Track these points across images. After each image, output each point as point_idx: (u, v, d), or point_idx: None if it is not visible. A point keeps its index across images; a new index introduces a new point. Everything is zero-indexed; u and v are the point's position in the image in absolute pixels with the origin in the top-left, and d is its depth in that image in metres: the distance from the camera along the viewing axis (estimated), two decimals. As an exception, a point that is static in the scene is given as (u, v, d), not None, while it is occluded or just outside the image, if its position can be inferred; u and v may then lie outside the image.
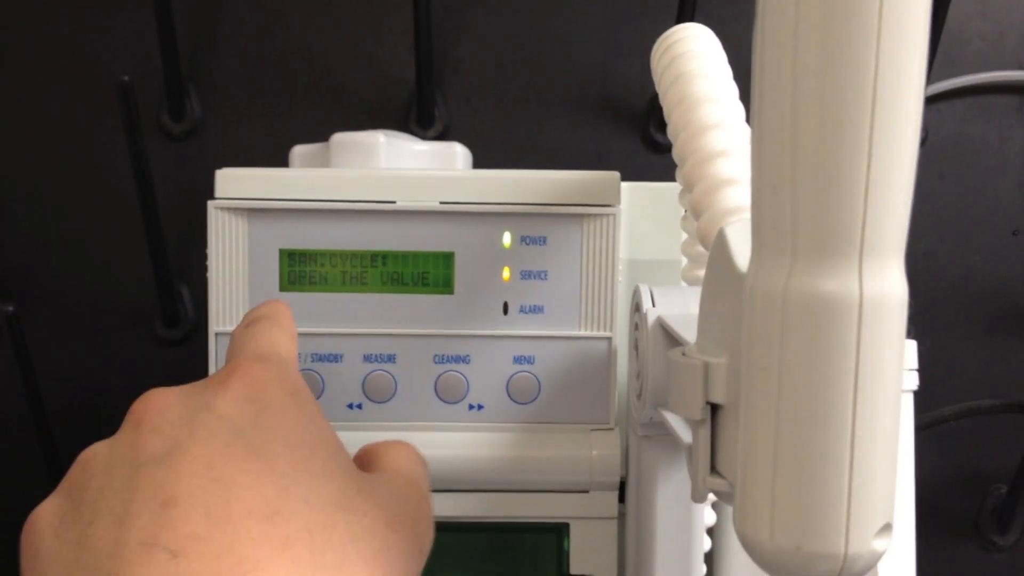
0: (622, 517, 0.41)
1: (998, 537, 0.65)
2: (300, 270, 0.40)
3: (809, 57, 0.23)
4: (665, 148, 0.67)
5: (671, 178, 0.45)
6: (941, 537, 0.66)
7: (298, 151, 0.49)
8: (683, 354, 0.29)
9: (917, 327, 0.66)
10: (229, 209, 0.40)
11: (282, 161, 0.62)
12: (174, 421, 0.27)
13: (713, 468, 0.29)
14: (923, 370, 0.62)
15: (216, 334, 0.40)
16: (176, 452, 0.26)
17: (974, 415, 0.61)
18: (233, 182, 0.40)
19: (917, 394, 0.61)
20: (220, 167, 0.62)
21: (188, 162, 0.66)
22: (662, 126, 0.66)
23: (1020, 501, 0.63)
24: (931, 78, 0.65)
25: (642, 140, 0.67)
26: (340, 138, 0.47)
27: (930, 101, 0.67)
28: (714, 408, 0.28)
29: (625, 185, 0.44)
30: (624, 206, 0.43)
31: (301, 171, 0.40)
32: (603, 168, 0.63)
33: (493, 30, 0.67)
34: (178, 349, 0.65)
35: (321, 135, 0.63)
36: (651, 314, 0.36)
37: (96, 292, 0.65)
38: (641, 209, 0.45)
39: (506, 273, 0.40)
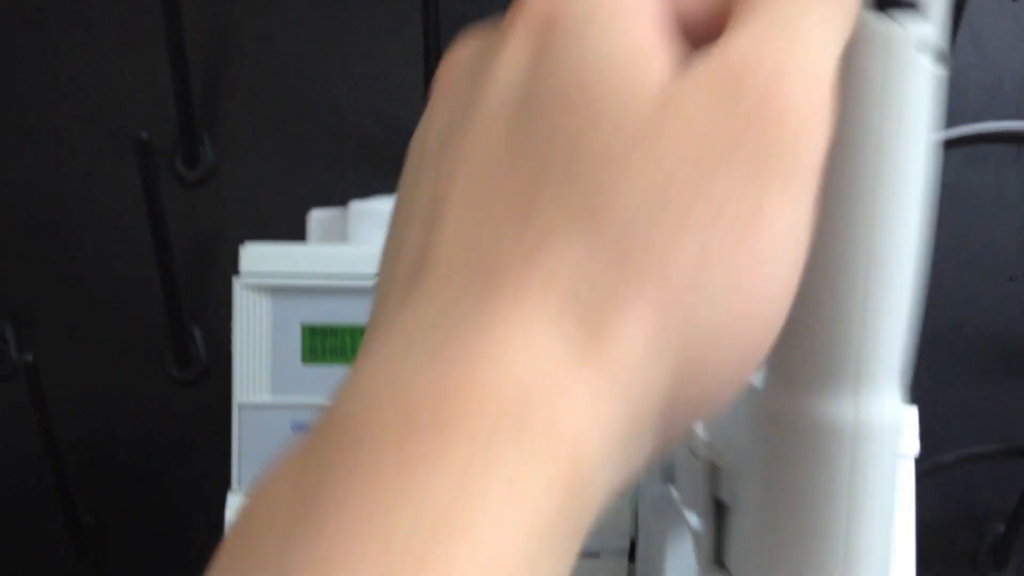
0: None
1: (995, 574, 0.66)
2: (321, 343, 0.41)
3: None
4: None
5: None
6: (939, 574, 0.67)
7: (315, 216, 0.50)
8: (690, 449, 0.31)
9: (916, 370, 0.67)
10: (253, 287, 0.41)
11: (295, 210, 0.64)
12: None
13: (719, 558, 0.31)
14: (921, 413, 0.64)
15: (239, 405, 0.41)
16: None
17: (974, 461, 0.63)
18: (257, 258, 0.42)
19: (919, 439, 0.63)
20: (233, 213, 0.64)
21: (201, 208, 0.67)
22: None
23: (1017, 539, 0.65)
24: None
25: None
26: (357, 207, 0.48)
27: (930, 148, 0.68)
28: (720, 502, 0.30)
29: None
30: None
31: (321, 247, 0.42)
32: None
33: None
34: (191, 390, 0.66)
35: (333, 183, 0.65)
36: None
37: (110, 333, 0.67)
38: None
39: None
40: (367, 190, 0.65)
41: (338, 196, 0.64)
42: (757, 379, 0.28)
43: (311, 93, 0.67)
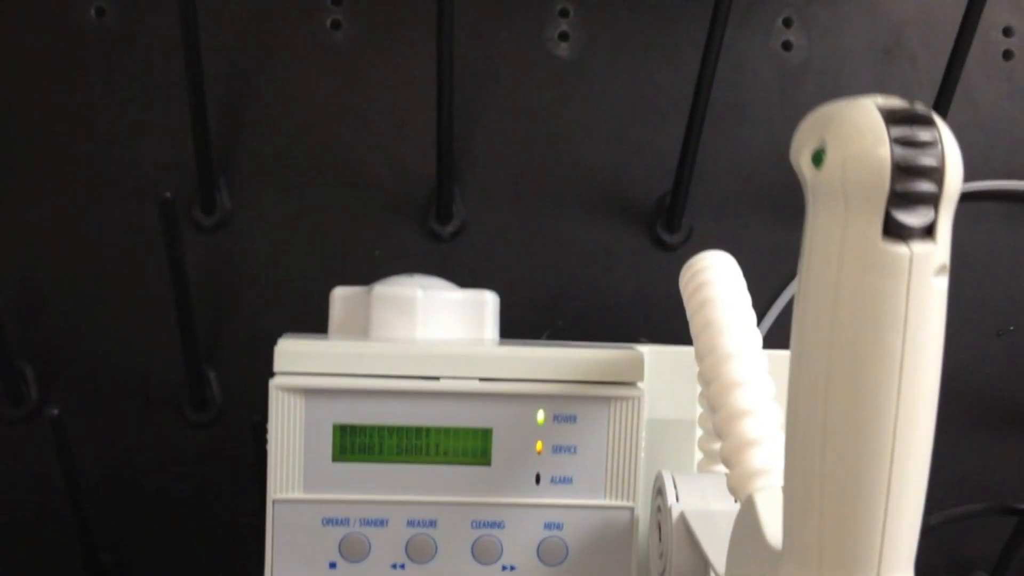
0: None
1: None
2: (351, 442, 0.44)
3: (836, 408, 0.27)
4: (671, 247, 0.70)
5: (676, 274, 0.49)
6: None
7: (338, 294, 0.52)
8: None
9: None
10: (288, 388, 0.43)
11: (309, 256, 0.66)
12: None
13: None
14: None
15: (274, 501, 0.44)
16: None
17: (959, 520, 0.66)
18: (290, 357, 0.44)
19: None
20: (248, 257, 0.66)
21: (218, 253, 0.69)
22: (669, 225, 0.70)
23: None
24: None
25: (649, 238, 0.71)
26: (380, 291, 0.50)
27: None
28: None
29: (646, 349, 0.48)
30: (647, 368, 0.47)
31: (353, 346, 0.44)
32: (612, 264, 0.68)
33: (509, 129, 0.70)
34: (207, 431, 0.69)
35: (346, 228, 0.67)
36: (675, 509, 0.41)
37: (128, 378, 0.69)
38: (658, 370, 0.49)
39: (539, 447, 0.44)
40: (380, 235, 0.67)
41: (351, 240, 0.66)
42: (769, 534, 0.31)
43: (325, 141, 0.69)
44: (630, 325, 0.71)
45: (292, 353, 0.44)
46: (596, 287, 0.71)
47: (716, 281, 0.40)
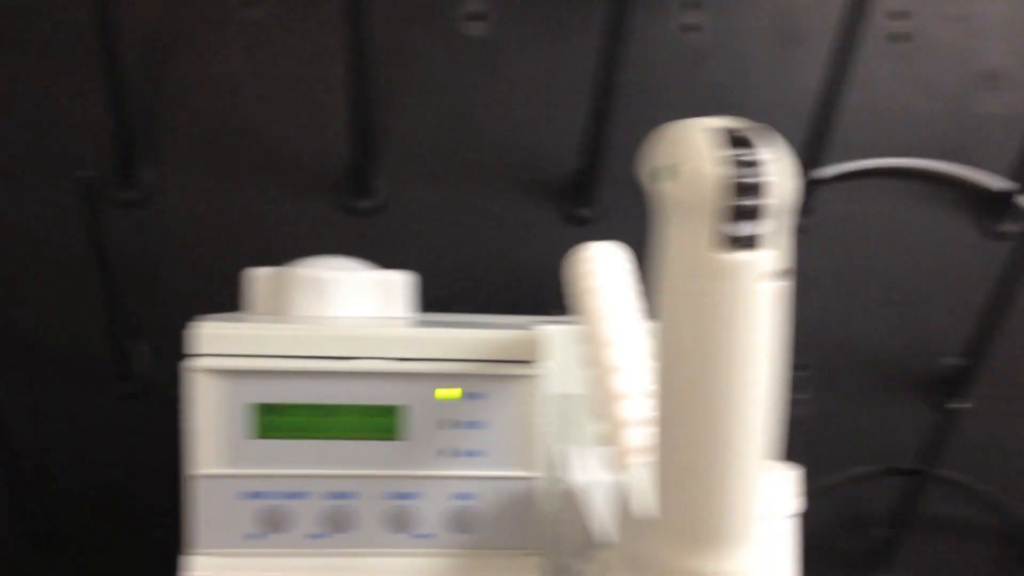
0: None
1: (878, 575, 0.75)
2: (267, 420, 0.46)
3: (685, 396, 0.30)
4: (584, 221, 0.73)
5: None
6: (827, 575, 0.76)
7: (254, 274, 0.54)
8: (592, 564, 0.37)
9: (811, 387, 0.75)
10: (203, 370, 0.46)
11: (227, 228, 0.67)
12: None
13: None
14: (811, 430, 0.72)
15: (192, 477, 0.46)
16: None
17: (854, 483, 0.71)
18: (205, 339, 0.46)
19: (806, 458, 0.71)
20: (170, 233, 0.67)
21: (140, 228, 0.70)
22: (582, 201, 0.73)
23: (899, 543, 0.73)
24: (822, 162, 0.73)
25: (563, 213, 0.74)
26: (296, 272, 0.52)
27: (822, 183, 0.74)
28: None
29: (557, 329, 0.51)
30: (555, 347, 0.50)
31: (268, 328, 0.46)
32: (527, 238, 0.70)
33: (426, 107, 0.73)
34: (133, 403, 0.70)
35: (263, 203, 0.68)
36: (571, 481, 0.44)
37: (54, 352, 0.70)
38: (566, 346, 0.52)
39: (448, 422, 0.47)
40: (301, 211, 0.69)
41: (272, 216, 0.68)
42: (638, 510, 0.34)
43: (244, 117, 0.71)
44: (546, 298, 0.73)
45: (206, 336, 0.46)
46: (512, 261, 0.73)
47: (598, 271, 0.43)
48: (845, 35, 0.67)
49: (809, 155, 0.71)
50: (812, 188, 0.73)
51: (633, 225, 0.52)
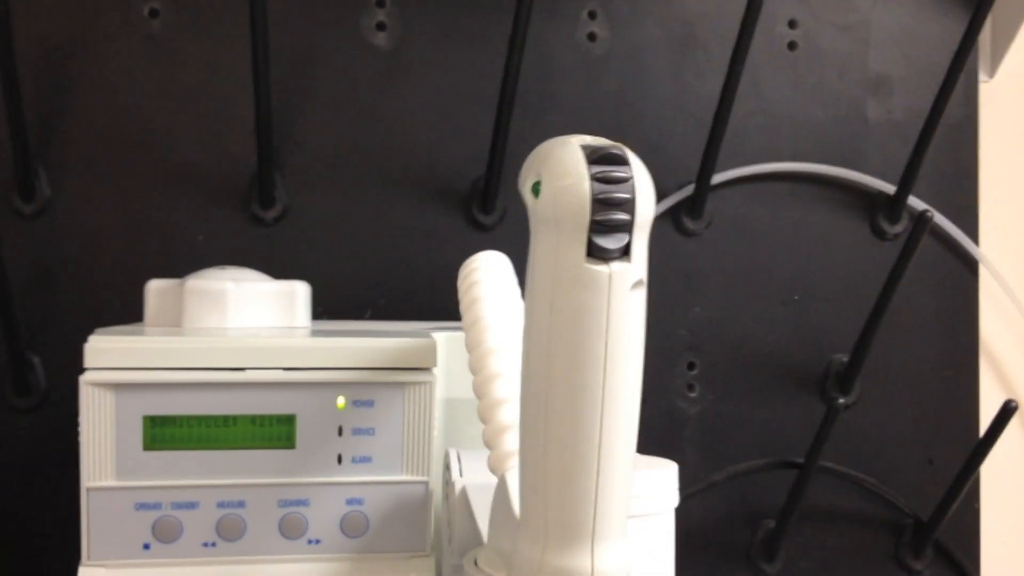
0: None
1: (766, 565, 0.77)
2: (161, 432, 0.47)
3: (553, 401, 0.32)
4: (486, 227, 0.75)
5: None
6: (716, 567, 0.78)
7: (152, 287, 0.55)
8: (475, 563, 0.38)
9: (701, 385, 0.77)
10: (98, 384, 0.46)
11: (130, 240, 0.67)
12: None
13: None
14: (704, 426, 0.74)
15: (88, 489, 0.47)
16: None
17: (744, 475, 0.74)
18: (101, 353, 0.47)
19: (700, 453, 0.73)
20: (70, 245, 0.67)
21: (39, 240, 0.70)
22: (484, 207, 0.74)
23: (785, 534, 0.76)
24: (716, 168, 0.75)
25: (466, 219, 0.75)
26: (192, 285, 0.53)
27: (715, 188, 0.77)
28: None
29: (442, 336, 0.52)
30: (441, 353, 0.51)
31: (161, 341, 0.47)
32: (431, 245, 0.72)
33: (329, 115, 0.73)
34: (31, 416, 0.70)
35: (166, 214, 0.69)
36: (458, 483, 0.45)
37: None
38: (455, 354, 0.53)
39: (340, 430, 0.48)
40: (203, 221, 0.69)
41: (174, 226, 0.68)
42: (518, 510, 0.35)
43: (145, 128, 0.71)
44: (450, 303, 0.75)
45: (102, 349, 0.47)
46: (416, 267, 0.75)
47: (485, 280, 0.44)
48: (739, 44, 0.70)
49: (705, 160, 0.74)
50: (707, 192, 0.76)
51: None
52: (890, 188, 0.78)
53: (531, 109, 0.74)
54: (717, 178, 0.76)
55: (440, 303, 0.74)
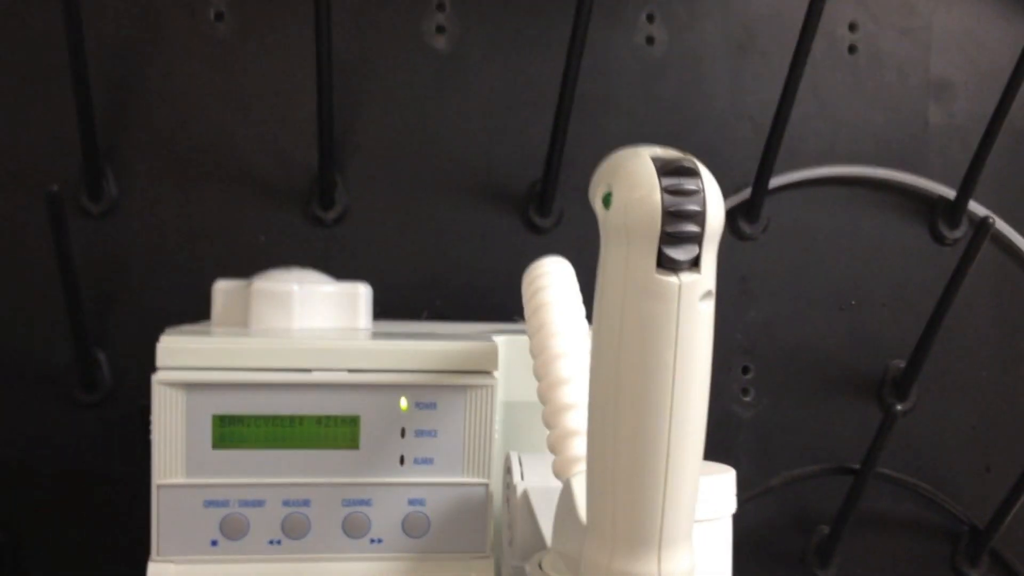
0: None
1: (820, 571, 0.77)
2: (229, 431, 0.48)
3: (622, 409, 0.32)
4: (542, 230, 0.75)
5: (548, 255, 0.53)
6: (773, 572, 0.78)
7: (220, 287, 0.56)
8: (540, 566, 0.39)
9: (756, 390, 0.77)
10: (169, 383, 0.47)
11: (196, 242, 0.69)
12: None
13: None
14: (759, 432, 0.74)
15: (159, 486, 0.48)
16: None
17: (799, 481, 0.73)
18: (172, 353, 0.48)
19: (754, 458, 0.73)
20: (135, 244, 0.68)
21: (106, 239, 0.72)
22: (540, 210, 0.75)
23: (839, 540, 0.75)
24: (773, 172, 0.75)
25: (522, 222, 0.76)
26: (259, 286, 0.54)
27: (772, 192, 0.77)
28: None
29: (502, 339, 0.53)
30: (501, 356, 0.52)
31: (231, 342, 0.48)
32: (487, 247, 0.72)
33: (389, 118, 0.74)
34: (97, 411, 0.72)
35: (229, 215, 0.70)
36: (519, 486, 0.46)
37: (19, 362, 0.71)
38: (515, 357, 0.54)
39: (402, 431, 0.49)
40: (265, 221, 0.70)
41: (237, 227, 0.70)
42: (584, 516, 0.36)
43: (209, 130, 0.72)
44: (504, 305, 0.75)
45: (173, 349, 0.48)
46: (472, 269, 0.75)
47: (551, 287, 0.45)
48: (800, 47, 0.70)
49: (762, 163, 0.74)
50: (765, 196, 0.76)
51: (591, 233, 0.54)
52: (951, 193, 0.77)
53: (588, 112, 0.74)
54: (774, 182, 0.75)
55: (496, 304, 0.74)
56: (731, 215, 0.76)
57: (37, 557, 0.70)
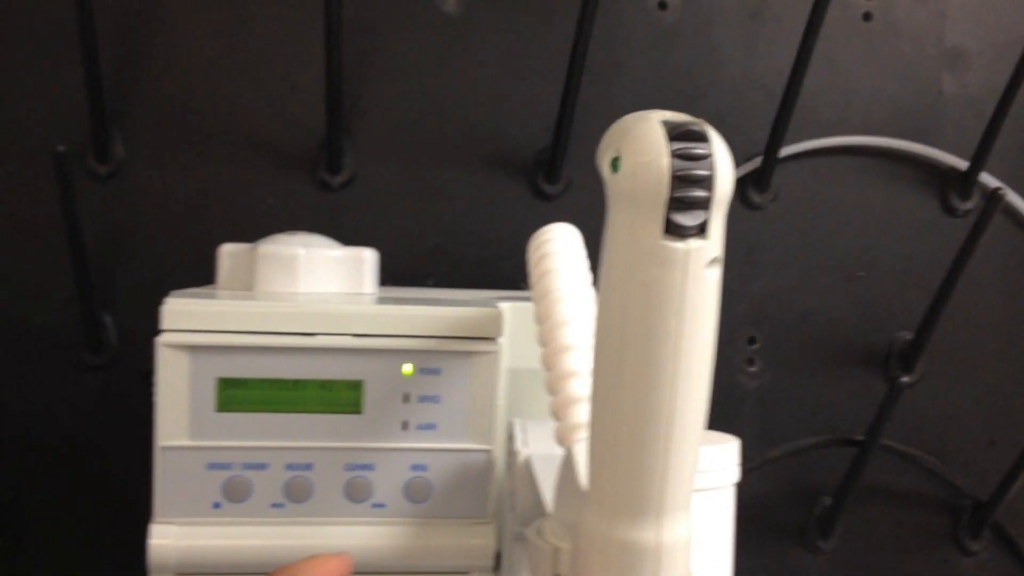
0: (496, 585, 0.51)
1: (821, 542, 0.77)
2: (233, 394, 0.48)
3: (625, 375, 0.32)
4: (551, 197, 0.75)
5: (556, 222, 0.53)
6: (772, 543, 0.78)
7: (226, 250, 0.56)
8: (539, 533, 0.39)
9: (761, 360, 0.77)
10: (174, 345, 0.47)
11: (200, 204, 0.69)
12: None
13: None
14: (764, 402, 0.74)
15: (162, 448, 0.48)
16: None
17: (800, 453, 0.73)
18: (177, 315, 0.48)
19: (757, 428, 0.73)
20: (142, 207, 0.68)
21: (112, 201, 0.71)
22: (548, 177, 0.75)
23: (841, 512, 0.75)
24: (784, 141, 0.74)
25: (530, 189, 0.75)
26: (264, 250, 0.54)
27: (782, 161, 0.76)
28: (560, 576, 0.38)
29: (507, 306, 0.53)
30: (506, 323, 0.52)
31: (236, 305, 0.48)
32: (495, 214, 0.72)
33: (397, 83, 0.74)
34: (102, 374, 0.72)
35: (236, 178, 0.70)
36: (522, 453, 0.46)
37: (25, 324, 0.71)
38: (520, 324, 0.54)
39: (406, 397, 0.49)
40: (272, 185, 0.70)
41: (243, 190, 0.69)
42: (585, 481, 0.36)
43: (217, 93, 0.72)
44: (511, 273, 0.75)
45: (178, 312, 0.48)
46: (480, 236, 0.75)
47: (557, 252, 0.45)
48: (814, 14, 0.69)
49: (773, 132, 0.73)
50: (775, 165, 0.75)
51: (598, 201, 0.54)
52: (962, 164, 0.77)
53: (598, 79, 0.74)
54: (785, 151, 0.75)
55: (502, 272, 0.74)
56: (741, 184, 0.76)
57: (41, 518, 0.70)
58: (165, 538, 0.48)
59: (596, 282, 0.35)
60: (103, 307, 0.70)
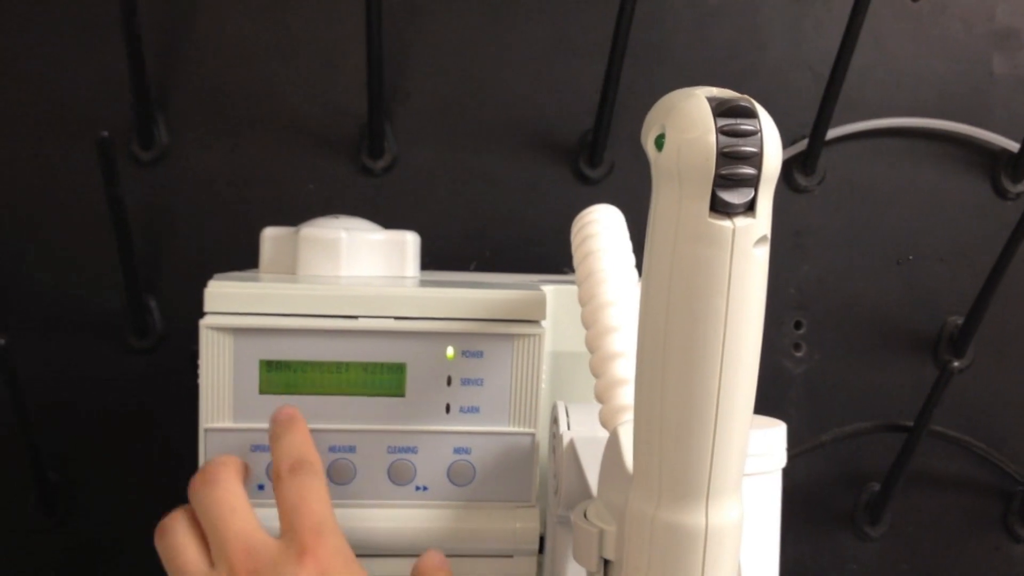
0: (540, 567, 0.51)
1: (870, 528, 0.76)
2: (276, 377, 0.48)
3: (672, 356, 0.32)
4: (593, 180, 0.74)
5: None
6: (821, 528, 0.77)
7: (268, 234, 0.56)
8: (584, 516, 0.39)
9: (808, 345, 0.76)
10: (217, 328, 0.47)
11: (241, 188, 0.69)
12: None
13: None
14: (811, 387, 0.73)
15: (206, 430, 0.48)
16: None
17: (850, 438, 0.72)
18: (220, 298, 0.48)
19: (804, 413, 0.72)
20: (185, 191, 0.69)
21: (156, 186, 0.72)
22: (591, 160, 0.74)
23: (890, 498, 0.74)
24: (832, 122, 0.73)
25: (572, 172, 0.75)
26: (307, 233, 0.54)
27: (829, 143, 0.75)
28: (606, 561, 0.38)
29: (550, 289, 0.53)
30: (549, 306, 0.51)
31: (278, 287, 0.48)
32: (537, 197, 0.71)
33: (438, 66, 0.73)
34: (148, 357, 0.72)
35: (278, 162, 0.70)
36: (566, 436, 0.46)
37: (72, 308, 0.72)
38: (563, 307, 0.53)
39: (448, 380, 0.49)
40: (314, 169, 0.70)
41: (286, 174, 0.70)
42: (630, 463, 0.35)
43: (259, 78, 0.72)
44: (554, 256, 0.75)
45: (221, 294, 0.48)
46: (521, 219, 0.75)
47: (600, 234, 0.44)
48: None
49: (820, 114, 0.72)
50: (822, 147, 0.74)
51: (642, 184, 0.53)
52: (1014, 146, 0.75)
53: (641, 60, 0.73)
54: (832, 133, 0.74)
55: (545, 255, 0.74)
56: (787, 167, 0.75)
57: (89, 497, 0.71)
58: (210, 519, 0.48)
59: (640, 264, 0.34)
60: (148, 291, 0.71)
